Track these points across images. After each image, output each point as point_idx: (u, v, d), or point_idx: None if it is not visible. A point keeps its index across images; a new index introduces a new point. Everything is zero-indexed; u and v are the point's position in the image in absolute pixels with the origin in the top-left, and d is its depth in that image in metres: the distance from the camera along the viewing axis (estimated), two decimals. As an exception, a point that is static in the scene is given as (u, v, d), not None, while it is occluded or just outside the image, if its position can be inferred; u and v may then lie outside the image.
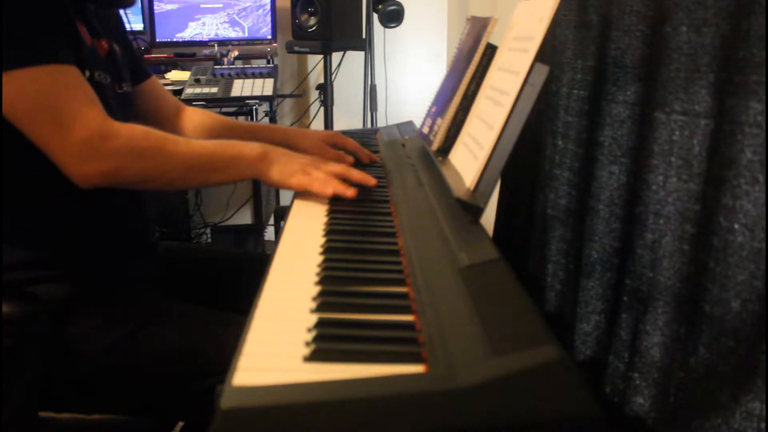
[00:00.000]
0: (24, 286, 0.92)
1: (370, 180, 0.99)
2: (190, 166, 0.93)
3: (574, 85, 0.83)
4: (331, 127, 2.48)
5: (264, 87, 2.28)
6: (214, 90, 2.25)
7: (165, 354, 0.90)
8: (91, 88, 0.89)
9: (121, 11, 1.20)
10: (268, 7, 2.53)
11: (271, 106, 2.51)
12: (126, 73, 1.12)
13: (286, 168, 0.96)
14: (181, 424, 0.95)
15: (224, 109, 2.53)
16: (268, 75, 2.35)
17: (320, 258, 0.74)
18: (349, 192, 0.94)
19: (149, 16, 2.52)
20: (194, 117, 1.29)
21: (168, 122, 1.25)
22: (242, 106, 2.33)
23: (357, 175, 0.98)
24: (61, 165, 0.86)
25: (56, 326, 0.90)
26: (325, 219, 0.88)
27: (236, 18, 2.55)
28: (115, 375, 0.90)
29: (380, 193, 1.00)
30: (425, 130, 1.18)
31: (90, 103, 0.88)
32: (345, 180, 0.97)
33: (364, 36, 2.44)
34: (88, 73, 0.94)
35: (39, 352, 0.89)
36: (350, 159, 1.10)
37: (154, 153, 0.90)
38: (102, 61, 1.02)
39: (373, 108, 2.53)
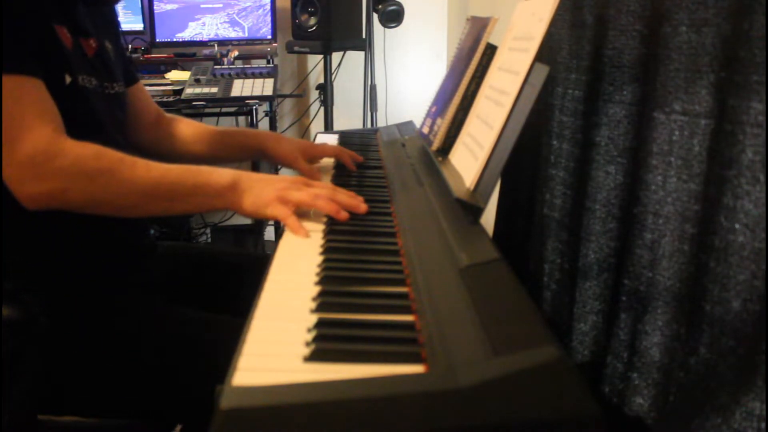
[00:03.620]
0: (21, 292, 0.91)
1: (360, 207, 0.89)
2: (146, 193, 0.86)
3: (569, 84, 0.83)
4: (331, 127, 2.49)
5: (264, 87, 2.28)
6: (214, 90, 2.25)
7: (164, 358, 0.90)
8: (51, 102, 0.85)
9: (119, 11, 1.18)
10: (268, 7, 2.53)
11: (271, 106, 2.51)
12: (119, 73, 1.10)
13: (260, 197, 0.87)
14: (179, 426, 0.95)
15: (224, 109, 2.54)
16: (268, 75, 2.35)
17: (320, 258, 0.74)
18: (341, 215, 0.86)
19: (149, 16, 2.52)
20: (175, 126, 1.26)
21: (144, 130, 1.23)
22: (242, 106, 2.33)
23: (345, 199, 0.88)
24: (7, 183, 0.82)
25: (55, 330, 0.90)
26: (325, 219, 0.88)
27: (236, 18, 2.55)
28: (114, 378, 0.89)
29: (380, 193, 1.00)
30: (425, 130, 1.18)
31: (42, 119, 0.82)
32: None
33: (364, 36, 2.44)
34: (69, 79, 0.91)
35: (38, 355, 0.88)
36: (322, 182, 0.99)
37: (105, 176, 0.84)
38: (88, 62, 0.99)
39: (373, 108, 2.53)
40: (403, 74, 2.78)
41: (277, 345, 0.55)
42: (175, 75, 2.42)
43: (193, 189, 0.88)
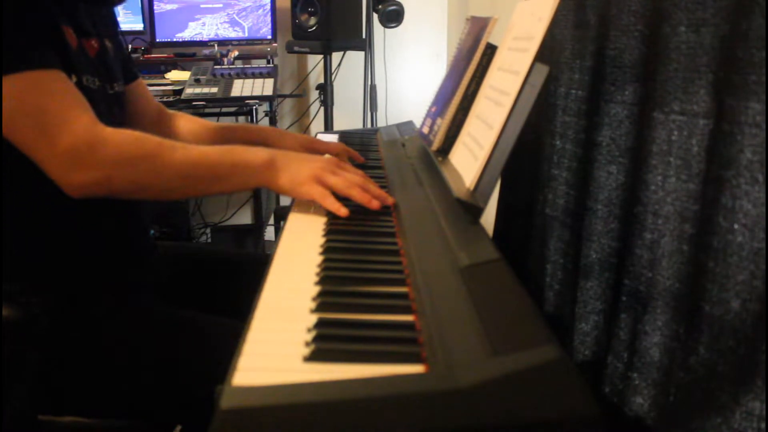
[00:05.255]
0: (22, 293, 0.91)
1: (388, 199, 0.92)
2: (188, 175, 0.89)
3: (572, 85, 0.83)
4: (331, 127, 2.49)
5: (264, 87, 2.28)
6: (214, 90, 2.25)
7: (164, 358, 0.90)
8: (80, 92, 0.87)
9: (119, 11, 1.18)
10: (268, 7, 2.53)
11: (271, 106, 2.51)
12: (119, 72, 1.11)
13: (296, 176, 0.89)
14: (179, 427, 0.95)
15: (224, 109, 2.54)
16: (268, 75, 2.35)
17: (320, 258, 0.74)
18: (374, 204, 0.88)
19: (149, 16, 2.52)
20: (177, 122, 1.27)
21: (148, 127, 1.23)
22: (242, 106, 2.33)
23: (376, 190, 0.91)
24: (50, 174, 0.83)
25: (55, 330, 0.90)
26: (325, 219, 0.88)
27: (236, 18, 2.55)
28: (114, 379, 0.89)
29: (380, 193, 1.00)
30: (425, 130, 1.18)
31: (79, 109, 0.84)
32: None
33: (364, 36, 2.44)
34: (75, 78, 0.92)
35: (38, 355, 0.88)
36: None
37: (147, 161, 0.86)
38: (91, 63, 1.00)
39: (373, 108, 2.53)
40: (403, 74, 2.78)
41: (277, 345, 0.55)
42: (175, 75, 2.43)
43: (231, 169, 0.90)
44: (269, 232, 2.80)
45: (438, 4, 2.76)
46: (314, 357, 0.52)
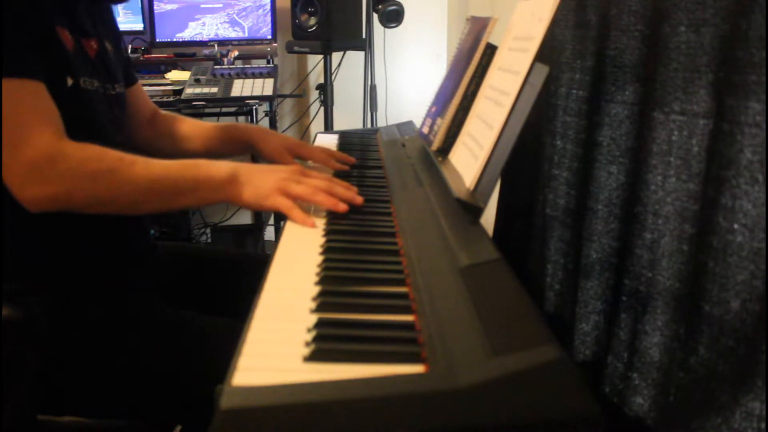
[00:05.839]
0: (22, 293, 0.91)
1: (356, 199, 0.90)
2: (149, 190, 0.88)
3: (572, 85, 0.83)
4: (331, 127, 2.49)
5: (264, 87, 2.28)
6: (214, 90, 2.25)
7: (164, 358, 0.90)
8: (53, 105, 0.85)
9: (119, 12, 1.18)
10: (268, 7, 2.53)
11: (271, 106, 2.52)
12: (119, 73, 1.11)
13: (260, 189, 0.88)
14: (179, 427, 0.95)
15: (224, 109, 2.54)
16: (268, 75, 2.36)
17: (320, 258, 0.74)
18: (341, 207, 0.87)
19: (149, 16, 2.52)
20: (171, 123, 1.27)
21: (140, 127, 1.24)
22: (242, 106, 2.33)
23: (343, 192, 0.90)
24: (9, 186, 0.83)
25: (56, 330, 0.90)
26: (325, 219, 0.88)
27: (236, 18, 2.55)
28: (114, 379, 0.89)
29: (380, 193, 1.00)
30: (425, 130, 1.18)
31: (44, 122, 0.83)
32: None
33: (364, 36, 2.44)
34: (71, 81, 0.92)
35: (38, 355, 0.88)
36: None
37: (107, 176, 0.85)
38: (91, 63, 0.99)
39: (373, 108, 2.53)
40: (403, 74, 2.78)
41: (277, 345, 0.55)
42: (175, 75, 2.43)
43: (193, 184, 0.89)
44: (269, 232, 2.80)
45: (438, 4, 2.76)
46: (314, 357, 0.52)
